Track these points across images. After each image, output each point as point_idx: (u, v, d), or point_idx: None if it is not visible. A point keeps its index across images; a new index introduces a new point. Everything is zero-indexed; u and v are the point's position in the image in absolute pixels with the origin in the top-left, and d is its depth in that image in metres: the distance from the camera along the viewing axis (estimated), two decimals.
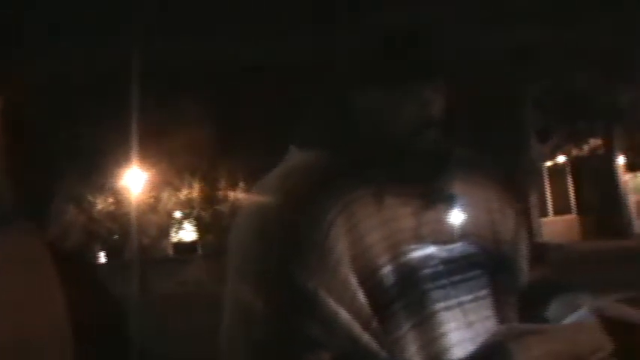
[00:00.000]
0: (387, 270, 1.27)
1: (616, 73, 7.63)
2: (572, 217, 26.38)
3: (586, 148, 21.12)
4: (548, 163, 23.98)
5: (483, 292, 1.36)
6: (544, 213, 25.54)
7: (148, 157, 20.35)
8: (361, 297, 1.24)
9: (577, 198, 26.46)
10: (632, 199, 25.15)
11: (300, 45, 1.45)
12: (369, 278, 1.25)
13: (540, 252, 1.63)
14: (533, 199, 22.45)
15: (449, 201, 1.37)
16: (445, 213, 1.35)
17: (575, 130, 13.52)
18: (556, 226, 25.21)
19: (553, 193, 26.24)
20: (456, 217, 1.37)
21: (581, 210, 26.29)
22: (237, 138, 20.81)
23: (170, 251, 27.76)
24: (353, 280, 1.24)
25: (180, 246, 27.45)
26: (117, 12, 15.69)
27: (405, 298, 1.27)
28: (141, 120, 15.83)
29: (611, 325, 1.23)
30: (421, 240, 1.31)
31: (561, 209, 26.33)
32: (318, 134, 1.39)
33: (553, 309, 1.39)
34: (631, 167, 23.90)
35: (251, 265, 1.27)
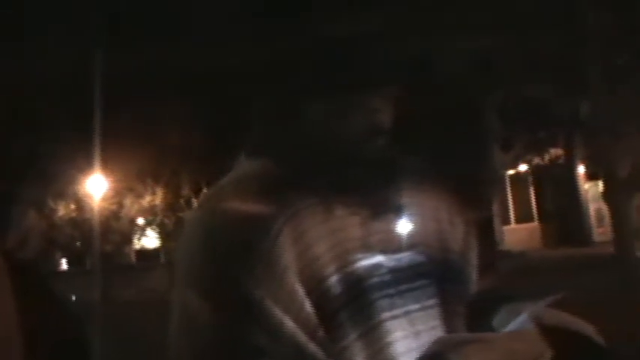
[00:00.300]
0: (333, 279, 1.27)
1: (576, 82, 7.74)
2: (533, 225, 26.61)
3: (547, 157, 21.33)
4: (510, 172, 24.21)
5: (431, 302, 1.37)
6: (506, 221, 25.75)
7: (110, 163, 20.20)
8: (307, 306, 1.24)
9: (538, 206, 26.71)
10: (592, 208, 25.43)
11: (250, 51, 1.45)
12: (315, 288, 1.25)
13: (491, 260, 1.65)
14: (496, 208, 22.62)
15: (397, 210, 1.37)
16: (393, 222, 1.36)
17: (536, 139, 13.68)
18: (518, 234, 25.42)
19: (515, 201, 26.47)
20: (405, 226, 1.37)
21: (543, 218, 26.54)
22: (201, 144, 20.73)
23: (133, 258, 27.59)
24: (299, 290, 1.24)
25: (143, 253, 27.30)
26: (78, 15, 15.57)
27: (351, 307, 1.27)
28: (103, 126, 15.73)
29: (550, 332, 1.24)
30: (369, 249, 1.32)
31: (523, 217, 26.56)
32: (265, 142, 1.40)
33: (499, 318, 1.41)
34: (591, 176, 24.16)
35: (197, 273, 1.27)
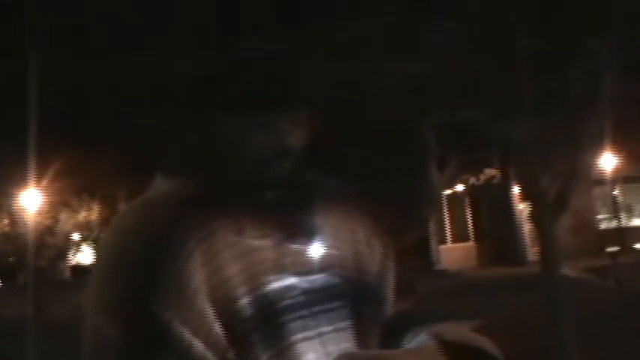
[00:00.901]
0: (245, 301, 1.27)
1: (509, 105, 7.91)
2: (469, 244, 26.92)
3: (482, 177, 21.63)
4: (447, 192, 24.48)
5: (344, 323, 1.38)
6: (443, 240, 25.99)
7: (45, 177, 19.90)
8: (217, 329, 1.24)
9: (474, 226, 27.04)
10: (526, 227, 25.81)
11: (169, 68, 1.46)
12: (226, 309, 1.25)
13: (409, 282, 1.67)
14: (432, 227, 22.83)
15: (311, 232, 1.38)
16: (307, 244, 1.37)
17: (471, 160, 13.86)
18: (454, 253, 25.70)
19: (452, 220, 26.75)
20: (319, 248, 1.38)
21: (478, 237, 26.87)
22: (137, 159, 20.55)
23: (68, 274, 27.17)
24: (209, 312, 1.24)
25: (79, 269, 26.89)
26: (14, 25, 15.37)
27: (263, 329, 1.28)
28: (39, 139, 15.51)
29: (450, 348, 1.27)
30: (282, 271, 1.33)
31: (459, 236, 26.86)
32: (180, 162, 1.40)
33: (409, 337, 1.43)
34: (526, 196, 24.51)
35: (107, 294, 1.26)
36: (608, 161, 22.83)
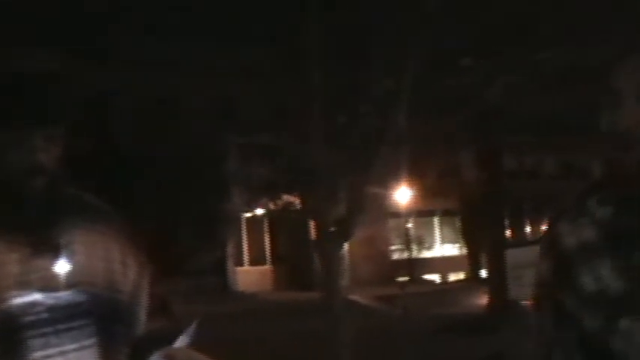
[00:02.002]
0: None
1: (306, 134, 8.16)
2: (266, 267, 27.12)
3: (281, 202, 21.91)
4: (248, 215, 24.54)
5: (90, 341, 1.40)
6: (240, 263, 26.04)
7: None
8: None
9: (272, 250, 27.28)
10: None
11: None
12: None
13: (163, 303, 1.73)
14: (230, 249, 22.86)
15: (59, 249, 1.40)
16: (54, 261, 1.38)
17: (270, 185, 14.08)
18: (251, 275, 25.78)
19: (250, 243, 26.85)
20: (66, 265, 1.40)
21: (276, 261, 27.13)
22: None
23: None
24: None
25: None
26: None
27: (2, 345, 1.29)
28: None
29: None
30: (25, 287, 1.33)
31: (257, 260, 26.99)
32: None
33: (153, 358, 1.48)
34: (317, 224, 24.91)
35: None
36: (403, 195, 23.74)
